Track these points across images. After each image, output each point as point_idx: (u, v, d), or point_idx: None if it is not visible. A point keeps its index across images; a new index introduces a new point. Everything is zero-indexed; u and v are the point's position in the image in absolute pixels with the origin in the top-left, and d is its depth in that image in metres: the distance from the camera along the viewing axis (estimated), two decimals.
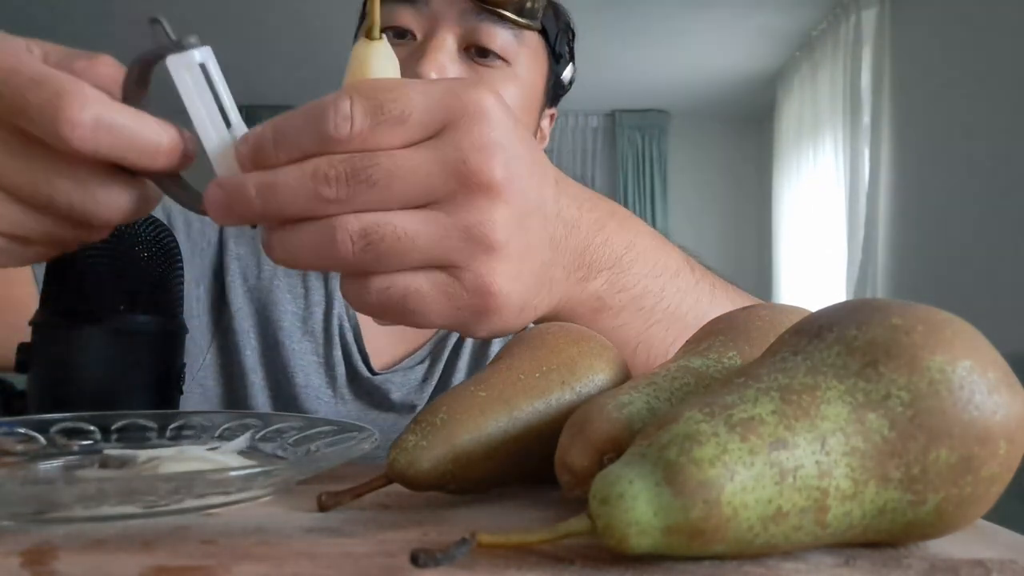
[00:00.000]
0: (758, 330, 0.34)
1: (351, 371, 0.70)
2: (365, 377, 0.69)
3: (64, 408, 0.40)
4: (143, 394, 0.43)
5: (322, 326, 0.70)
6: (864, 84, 2.88)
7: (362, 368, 0.70)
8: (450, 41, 0.62)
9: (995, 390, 0.24)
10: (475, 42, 0.63)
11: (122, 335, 0.42)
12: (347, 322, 0.71)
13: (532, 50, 0.66)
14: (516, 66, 0.65)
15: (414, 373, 0.71)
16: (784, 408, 0.23)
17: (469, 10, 0.62)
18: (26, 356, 0.42)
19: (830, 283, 3.12)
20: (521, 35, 0.65)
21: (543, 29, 0.67)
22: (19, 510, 0.26)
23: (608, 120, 4.70)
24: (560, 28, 0.70)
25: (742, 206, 4.69)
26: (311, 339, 0.69)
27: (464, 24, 0.62)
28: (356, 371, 0.69)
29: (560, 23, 0.70)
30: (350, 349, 0.70)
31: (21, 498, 0.25)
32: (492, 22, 0.63)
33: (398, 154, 0.29)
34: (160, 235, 0.45)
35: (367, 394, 0.70)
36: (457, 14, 0.62)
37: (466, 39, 0.63)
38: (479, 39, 0.63)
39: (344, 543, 0.25)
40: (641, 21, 3.35)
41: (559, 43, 0.69)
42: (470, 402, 0.31)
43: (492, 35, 0.63)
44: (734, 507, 0.22)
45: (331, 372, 0.69)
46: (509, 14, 0.63)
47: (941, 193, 2.45)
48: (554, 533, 0.23)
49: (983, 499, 0.24)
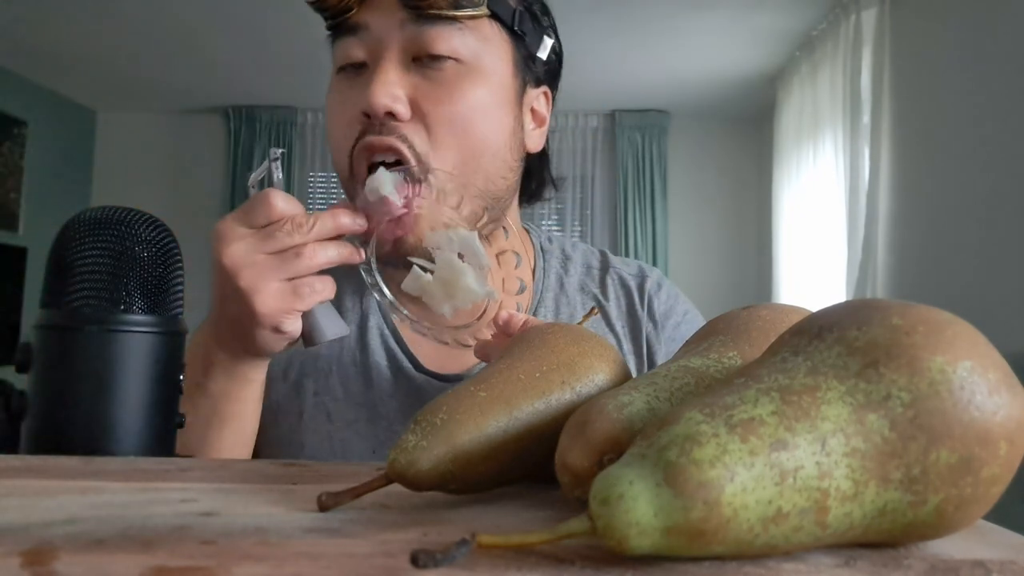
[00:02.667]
0: (758, 330, 0.34)
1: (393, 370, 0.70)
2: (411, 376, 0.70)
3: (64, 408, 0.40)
4: (143, 394, 0.43)
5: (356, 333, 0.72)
6: (864, 84, 2.87)
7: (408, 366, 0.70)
8: (394, 56, 0.62)
9: (996, 391, 0.24)
10: (422, 50, 0.62)
11: (122, 335, 0.42)
12: (387, 329, 0.72)
13: (484, 37, 0.65)
14: (471, 60, 0.63)
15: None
16: (784, 409, 0.23)
17: (407, 20, 0.62)
18: (26, 356, 0.42)
19: (830, 283, 3.12)
20: (466, 28, 0.63)
21: (493, 14, 0.64)
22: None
23: (608, 120, 4.70)
24: (517, 8, 0.67)
25: (742, 206, 4.69)
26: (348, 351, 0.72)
27: (406, 35, 0.62)
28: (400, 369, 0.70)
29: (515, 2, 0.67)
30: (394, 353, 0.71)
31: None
32: (431, 24, 0.62)
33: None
34: (160, 235, 0.45)
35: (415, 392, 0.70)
36: (397, 28, 0.62)
37: (412, 49, 0.62)
38: (424, 46, 0.62)
39: (344, 543, 0.25)
40: (641, 21, 3.34)
41: (519, 20, 0.67)
42: (470, 402, 0.31)
43: (434, 38, 0.62)
44: (734, 508, 0.22)
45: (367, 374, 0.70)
46: (445, 11, 0.61)
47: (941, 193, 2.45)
48: (554, 533, 0.23)
49: (983, 500, 0.24)
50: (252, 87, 4.43)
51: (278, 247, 0.52)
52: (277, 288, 0.52)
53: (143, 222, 0.45)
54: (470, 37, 0.63)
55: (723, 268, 4.67)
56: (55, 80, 4.34)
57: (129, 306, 0.43)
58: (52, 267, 0.44)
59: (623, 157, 4.62)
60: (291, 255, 0.52)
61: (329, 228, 0.54)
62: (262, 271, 0.52)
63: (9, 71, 4.14)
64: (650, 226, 4.57)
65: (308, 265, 0.53)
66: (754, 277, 4.55)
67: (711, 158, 4.73)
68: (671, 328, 0.75)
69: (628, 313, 0.76)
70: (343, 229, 0.55)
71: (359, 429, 0.68)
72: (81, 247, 0.43)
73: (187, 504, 0.30)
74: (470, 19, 0.63)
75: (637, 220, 4.59)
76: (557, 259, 0.79)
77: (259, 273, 0.52)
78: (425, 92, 0.62)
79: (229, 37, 3.65)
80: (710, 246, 4.71)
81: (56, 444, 0.41)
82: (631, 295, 0.77)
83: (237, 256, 0.52)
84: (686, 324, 0.76)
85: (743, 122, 4.68)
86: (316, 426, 0.69)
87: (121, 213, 0.45)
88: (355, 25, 0.63)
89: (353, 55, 0.64)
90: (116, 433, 0.42)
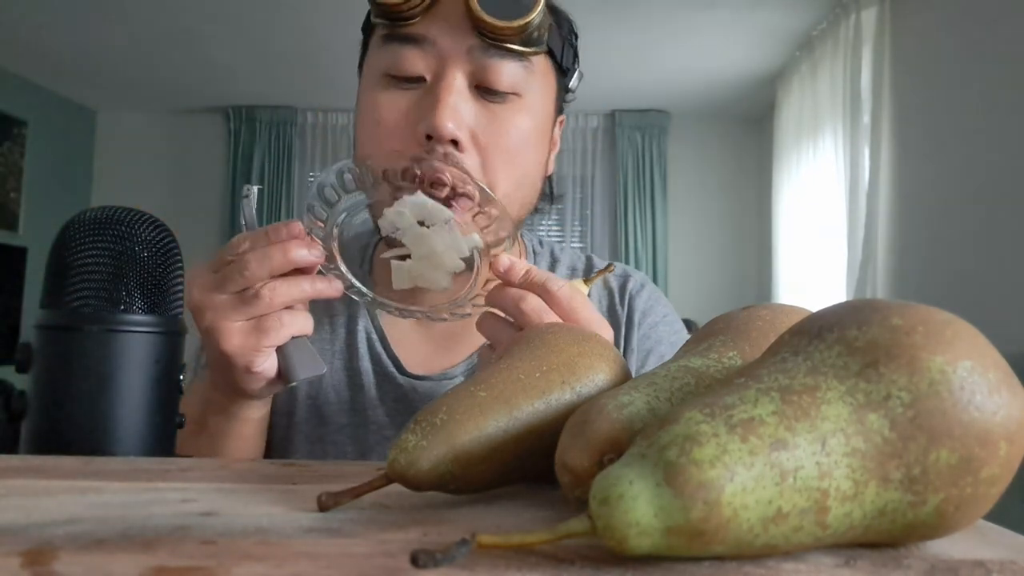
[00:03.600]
0: (758, 330, 0.34)
1: (379, 376, 0.71)
2: (397, 381, 0.70)
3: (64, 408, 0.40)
4: (143, 394, 0.43)
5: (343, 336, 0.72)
6: (864, 84, 2.87)
7: (393, 371, 0.70)
8: (460, 81, 0.60)
9: (996, 391, 0.24)
10: (484, 82, 0.61)
11: (122, 335, 0.42)
12: (374, 333, 0.72)
13: (541, 74, 0.65)
14: (526, 96, 0.63)
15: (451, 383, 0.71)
16: (784, 409, 0.23)
17: (476, 47, 0.60)
18: (26, 356, 0.42)
19: (830, 283, 3.12)
20: (529, 63, 0.63)
21: (549, 50, 0.65)
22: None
23: (608, 120, 4.70)
24: (564, 39, 0.68)
25: (742, 206, 4.69)
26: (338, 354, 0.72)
27: (473, 62, 0.61)
28: (386, 375, 0.70)
29: (563, 33, 0.68)
30: (379, 357, 0.71)
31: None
32: (500, 57, 0.61)
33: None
34: (160, 235, 0.45)
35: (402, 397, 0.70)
36: (464, 52, 0.60)
37: (475, 77, 0.61)
38: (487, 79, 0.61)
39: (344, 543, 0.25)
40: (641, 21, 3.34)
41: (565, 57, 0.68)
42: (470, 402, 0.31)
43: (500, 72, 0.61)
44: (734, 508, 0.21)
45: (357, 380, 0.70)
46: (516, 47, 0.61)
47: (941, 193, 2.45)
48: (554, 533, 0.23)
49: (983, 500, 0.24)
50: (252, 87, 4.43)
51: (234, 288, 0.51)
52: (240, 327, 0.51)
53: (143, 222, 0.45)
54: (530, 72, 0.63)
55: (723, 268, 4.67)
56: (55, 80, 4.34)
57: (129, 306, 0.43)
58: (52, 267, 0.44)
59: (623, 157, 4.62)
60: (250, 295, 0.51)
61: (280, 264, 0.51)
62: (223, 311, 0.51)
63: (9, 71, 4.14)
64: (650, 226, 4.57)
65: (268, 303, 0.51)
66: (754, 277, 4.55)
67: (711, 158, 4.74)
68: (647, 327, 0.75)
69: (608, 313, 0.76)
70: (299, 263, 0.52)
71: (350, 434, 0.69)
72: (81, 247, 0.43)
73: (187, 504, 0.30)
74: (533, 54, 0.63)
75: (637, 220, 4.59)
76: (546, 261, 0.80)
77: (221, 314, 0.51)
78: (485, 124, 0.61)
79: (229, 37, 3.65)
80: (710, 246, 4.71)
81: (56, 444, 0.41)
82: (612, 296, 0.77)
83: (197, 298, 0.52)
84: (664, 326, 0.76)
85: (743, 122, 4.68)
86: (309, 430, 0.69)
87: (121, 213, 0.45)
88: (418, 37, 0.61)
89: (410, 67, 0.61)
90: (116, 433, 0.42)
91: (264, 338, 0.52)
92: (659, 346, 0.75)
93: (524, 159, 0.64)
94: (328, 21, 3.38)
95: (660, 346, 0.75)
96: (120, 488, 0.32)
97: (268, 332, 0.52)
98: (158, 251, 0.45)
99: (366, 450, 0.68)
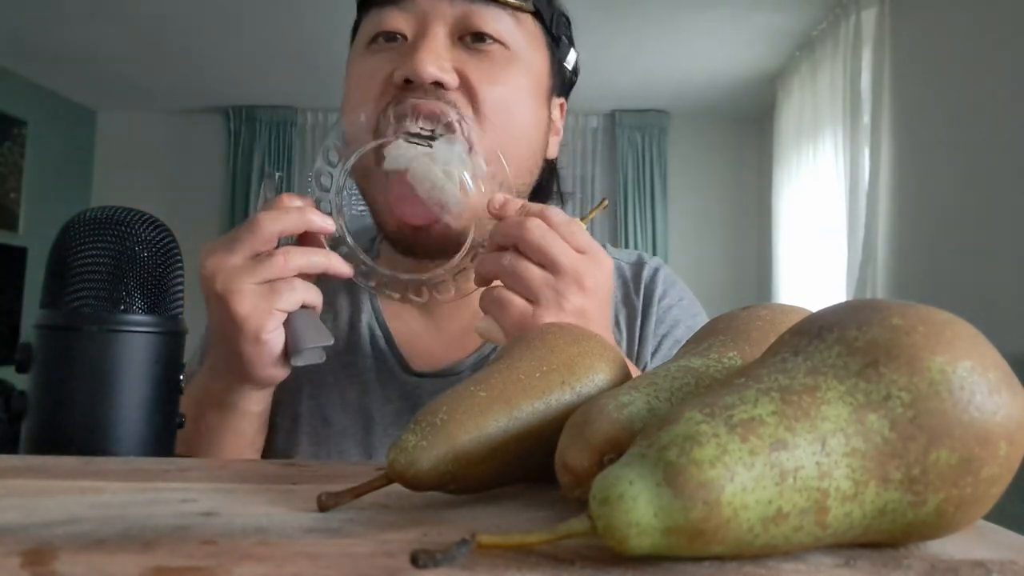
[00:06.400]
0: (758, 330, 0.34)
1: (383, 375, 0.69)
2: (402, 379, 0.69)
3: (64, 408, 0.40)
4: (143, 394, 0.43)
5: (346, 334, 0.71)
6: (864, 84, 2.87)
7: (398, 370, 0.69)
8: (441, 34, 0.61)
9: (996, 391, 0.24)
10: (469, 28, 0.61)
11: (122, 335, 0.42)
12: (378, 330, 0.71)
13: (530, 34, 0.65)
14: (516, 48, 0.63)
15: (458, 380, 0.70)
16: (784, 409, 0.23)
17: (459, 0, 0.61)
18: (26, 356, 0.42)
19: (830, 283, 3.12)
20: (516, 18, 0.63)
21: (537, 11, 0.65)
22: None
23: (608, 120, 4.70)
24: (555, 11, 0.68)
25: (742, 206, 4.69)
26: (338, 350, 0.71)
27: (455, 12, 0.61)
28: (391, 374, 0.69)
29: (554, 7, 0.68)
30: (383, 355, 0.70)
31: None
32: (482, 3, 0.61)
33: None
34: (160, 235, 0.45)
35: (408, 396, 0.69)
36: (447, 4, 0.61)
37: (459, 27, 0.61)
38: (473, 23, 0.61)
39: (344, 543, 0.25)
40: (641, 21, 3.35)
41: (556, 26, 0.68)
42: (470, 402, 0.31)
43: (486, 18, 0.61)
44: (734, 508, 0.21)
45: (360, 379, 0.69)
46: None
47: (941, 193, 2.45)
48: (554, 533, 0.23)
49: (983, 500, 0.24)
50: (252, 87, 4.43)
51: (248, 250, 0.52)
52: (252, 289, 0.52)
53: (143, 222, 0.45)
54: (516, 26, 0.63)
55: (723, 268, 4.67)
56: (55, 80, 4.34)
57: (129, 306, 0.43)
58: (52, 267, 0.44)
59: (623, 157, 4.62)
60: (264, 257, 0.52)
61: (294, 223, 0.54)
62: (236, 275, 0.52)
63: (9, 71, 4.14)
64: (650, 226, 4.57)
65: (282, 266, 0.52)
66: (754, 277, 4.55)
67: (711, 158, 4.73)
68: (662, 310, 0.74)
69: (624, 302, 0.74)
70: (313, 225, 0.55)
71: (354, 434, 0.68)
72: (81, 247, 0.43)
73: (187, 504, 0.30)
74: (517, 9, 0.63)
75: (637, 220, 4.59)
76: None
77: (234, 276, 0.52)
78: (473, 68, 0.61)
79: (229, 37, 3.65)
80: (710, 246, 4.71)
81: (56, 444, 0.41)
82: (627, 284, 0.75)
83: (212, 264, 0.52)
84: (679, 308, 0.75)
85: (743, 122, 4.68)
86: (312, 431, 0.68)
87: (121, 213, 0.45)
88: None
89: (392, 24, 0.62)
90: (116, 433, 0.42)
91: (277, 299, 0.52)
92: (675, 329, 0.73)
93: (520, 113, 0.64)
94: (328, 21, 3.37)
95: (676, 329, 0.73)
96: (120, 488, 0.32)
97: (281, 293, 0.52)
98: (158, 251, 0.45)
99: (371, 450, 0.67)
